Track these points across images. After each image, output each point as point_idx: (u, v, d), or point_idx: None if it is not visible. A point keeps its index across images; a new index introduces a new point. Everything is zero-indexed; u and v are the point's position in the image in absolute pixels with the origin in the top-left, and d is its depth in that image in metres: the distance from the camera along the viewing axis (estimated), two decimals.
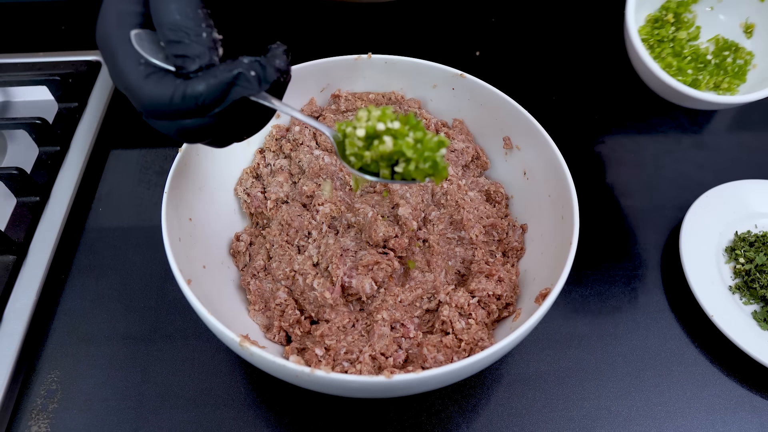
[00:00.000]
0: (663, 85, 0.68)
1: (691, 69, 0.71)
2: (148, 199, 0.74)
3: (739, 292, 0.66)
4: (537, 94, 0.89)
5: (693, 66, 0.71)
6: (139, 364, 0.60)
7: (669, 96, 0.70)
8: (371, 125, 0.44)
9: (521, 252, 0.63)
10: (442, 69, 0.68)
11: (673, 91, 0.67)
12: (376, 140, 0.45)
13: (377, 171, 0.47)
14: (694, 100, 0.67)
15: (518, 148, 0.67)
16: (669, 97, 0.70)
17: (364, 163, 0.47)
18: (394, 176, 0.46)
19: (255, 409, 0.58)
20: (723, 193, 0.73)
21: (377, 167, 0.47)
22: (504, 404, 0.59)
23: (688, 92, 0.66)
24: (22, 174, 0.67)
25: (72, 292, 0.65)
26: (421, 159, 0.44)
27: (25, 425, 0.56)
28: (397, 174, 0.46)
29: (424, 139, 0.44)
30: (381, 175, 0.47)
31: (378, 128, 0.44)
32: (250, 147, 0.69)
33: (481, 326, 0.55)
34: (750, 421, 0.59)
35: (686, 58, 0.71)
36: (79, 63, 0.85)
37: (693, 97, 0.66)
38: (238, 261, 0.62)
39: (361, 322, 0.56)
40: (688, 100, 0.68)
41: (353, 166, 0.47)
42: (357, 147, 0.46)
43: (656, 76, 0.67)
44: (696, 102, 0.68)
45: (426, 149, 0.44)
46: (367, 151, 0.45)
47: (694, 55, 0.72)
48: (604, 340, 0.64)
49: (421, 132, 0.45)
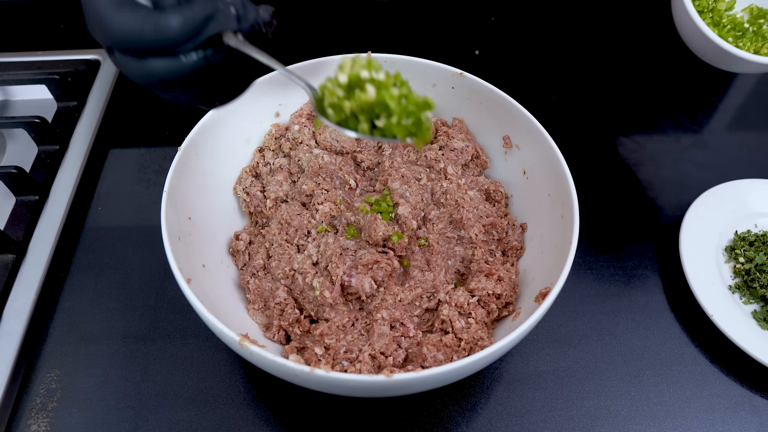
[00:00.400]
0: (715, 49, 0.70)
1: (731, 37, 0.73)
2: (148, 198, 0.74)
3: (739, 292, 0.66)
4: (536, 93, 0.89)
5: (732, 34, 0.74)
6: (139, 363, 0.60)
7: (716, 59, 0.73)
8: (355, 72, 0.42)
9: (521, 251, 0.63)
10: (442, 68, 0.68)
11: (725, 54, 0.69)
12: (358, 89, 0.43)
13: (356, 128, 0.45)
14: (747, 63, 0.69)
15: (518, 147, 0.66)
16: (716, 60, 0.73)
17: (343, 117, 0.44)
18: (373, 132, 0.44)
19: (254, 408, 0.58)
20: (723, 193, 0.73)
21: (356, 123, 0.44)
22: (503, 403, 0.59)
23: (743, 55, 0.68)
24: (22, 173, 0.67)
25: (71, 291, 0.65)
26: (405, 114, 0.42)
27: (24, 424, 0.56)
28: (377, 130, 0.44)
29: (409, 95, 0.43)
30: (360, 130, 0.45)
31: (362, 75, 0.42)
32: (249, 146, 0.69)
33: (480, 325, 0.55)
34: (749, 421, 0.59)
35: (726, 26, 0.74)
36: (78, 62, 0.85)
37: (747, 60, 0.69)
38: (238, 260, 0.62)
39: (361, 321, 0.56)
40: (741, 64, 0.71)
41: (331, 120, 0.45)
42: (337, 96, 0.43)
43: (712, 41, 0.69)
44: (748, 65, 0.70)
45: (411, 104, 0.42)
46: (347, 101, 0.43)
47: (732, 23, 0.75)
48: (603, 339, 0.64)
49: (406, 89, 0.43)
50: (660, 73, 0.94)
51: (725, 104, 0.92)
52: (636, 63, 0.95)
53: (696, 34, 0.71)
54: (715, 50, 0.71)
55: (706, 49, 0.72)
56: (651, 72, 0.95)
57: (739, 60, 0.69)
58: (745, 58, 0.69)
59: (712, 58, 0.73)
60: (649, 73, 0.94)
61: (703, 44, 0.72)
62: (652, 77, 0.94)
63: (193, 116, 0.62)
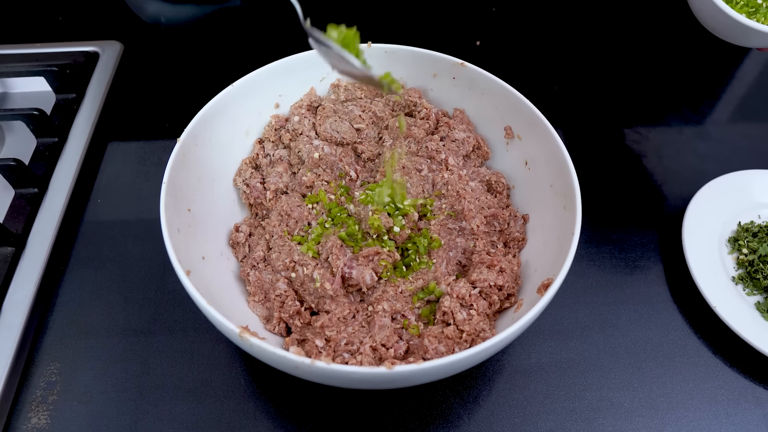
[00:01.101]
0: (729, 22, 0.69)
1: (744, 13, 0.73)
2: (147, 190, 0.73)
3: (742, 283, 0.66)
4: (538, 83, 0.89)
5: (746, 10, 0.73)
6: (139, 356, 0.60)
7: (730, 33, 0.72)
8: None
9: (523, 242, 0.62)
10: (443, 58, 0.68)
11: (740, 27, 0.69)
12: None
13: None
14: (761, 35, 0.69)
15: (519, 138, 0.66)
16: (730, 34, 0.72)
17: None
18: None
19: (255, 401, 0.57)
20: (726, 184, 0.73)
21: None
22: (505, 395, 0.59)
23: (757, 27, 0.68)
24: (21, 165, 0.67)
25: (71, 283, 0.65)
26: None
27: (25, 417, 0.56)
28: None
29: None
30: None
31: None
32: (248, 137, 0.68)
33: (482, 317, 0.55)
34: (753, 412, 0.59)
35: (739, 2, 0.74)
36: (77, 54, 0.85)
37: (761, 31, 0.68)
38: (238, 252, 0.62)
39: (362, 313, 0.56)
40: (755, 36, 0.70)
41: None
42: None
43: (727, 14, 0.69)
44: (762, 37, 0.69)
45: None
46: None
47: (745, 0, 0.74)
48: (606, 330, 0.64)
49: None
50: (662, 64, 0.94)
51: (728, 95, 0.91)
52: (638, 54, 0.94)
53: (710, 7, 0.71)
54: (729, 23, 0.70)
55: (720, 23, 0.72)
56: (653, 63, 0.94)
57: (754, 32, 0.69)
58: (760, 30, 0.68)
59: (725, 31, 0.73)
60: (651, 64, 0.94)
61: (717, 18, 0.72)
62: (655, 68, 0.93)
63: (192, 108, 0.61)
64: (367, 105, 0.69)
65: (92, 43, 0.87)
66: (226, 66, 0.86)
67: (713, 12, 0.71)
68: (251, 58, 0.75)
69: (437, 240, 0.60)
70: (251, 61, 0.70)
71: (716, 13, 0.70)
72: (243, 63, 0.71)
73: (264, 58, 0.68)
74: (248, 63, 0.69)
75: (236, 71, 0.67)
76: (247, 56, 0.89)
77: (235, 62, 0.87)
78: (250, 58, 0.73)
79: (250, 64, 0.67)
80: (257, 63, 0.66)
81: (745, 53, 0.98)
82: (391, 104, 0.70)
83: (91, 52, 0.86)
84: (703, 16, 0.75)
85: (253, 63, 0.67)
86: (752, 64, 0.96)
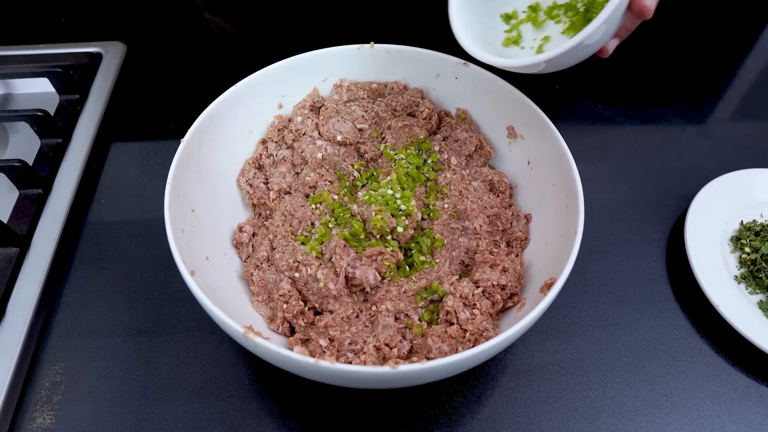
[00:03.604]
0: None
1: (510, 45, 0.66)
2: (151, 190, 0.74)
3: (745, 282, 0.66)
4: (540, 83, 0.89)
5: (511, 41, 0.66)
6: (143, 356, 0.60)
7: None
8: None
9: (526, 242, 0.63)
10: (445, 58, 0.68)
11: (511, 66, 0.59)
12: None
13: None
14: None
15: (522, 138, 0.66)
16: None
17: None
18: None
19: (259, 400, 0.58)
20: (728, 182, 0.73)
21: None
22: (508, 395, 0.59)
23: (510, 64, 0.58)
24: (25, 166, 0.67)
25: (75, 284, 0.65)
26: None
27: (30, 417, 0.56)
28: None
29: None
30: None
31: None
32: (252, 138, 0.68)
33: (485, 316, 0.55)
34: (756, 411, 0.59)
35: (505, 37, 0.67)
36: (81, 55, 0.85)
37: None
38: (241, 252, 0.62)
39: (365, 313, 0.56)
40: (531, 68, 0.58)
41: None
42: None
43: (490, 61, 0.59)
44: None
45: None
46: None
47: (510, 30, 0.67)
48: (608, 330, 0.64)
49: None
50: (664, 63, 0.94)
51: (729, 93, 0.91)
52: (639, 52, 0.94)
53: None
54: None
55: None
56: (655, 61, 0.94)
57: (524, 67, 0.58)
58: (515, 65, 0.58)
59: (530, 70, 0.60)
60: (652, 63, 0.94)
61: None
62: (656, 66, 0.93)
63: (196, 108, 0.61)
64: (369, 105, 0.69)
65: (95, 44, 0.87)
66: (230, 66, 0.87)
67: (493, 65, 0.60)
68: (254, 58, 0.75)
69: (440, 240, 0.60)
70: (254, 61, 0.70)
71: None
72: (246, 63, 0.72)
73: (267, 58, 0.68)
74: (251, 63, 0.69)
75: (239, 72, 0.67)
76: (250, 57, 0.89)
77: (238, 63, 0.87)
78: (253, 59, 0.73)
79: (253, 65, 0.67)
80: (260, 63, 0.67)
81: (746, 52, 0.98)
82: (393, 105, 0.70)
83: (94, 53, 0.86)
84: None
85: (257, 63, 0.67)
86: (754, 63, 0.96)
